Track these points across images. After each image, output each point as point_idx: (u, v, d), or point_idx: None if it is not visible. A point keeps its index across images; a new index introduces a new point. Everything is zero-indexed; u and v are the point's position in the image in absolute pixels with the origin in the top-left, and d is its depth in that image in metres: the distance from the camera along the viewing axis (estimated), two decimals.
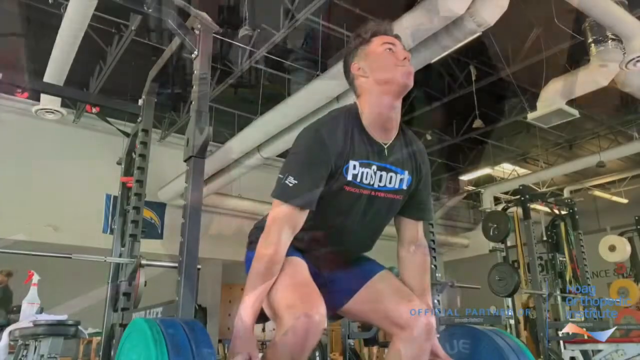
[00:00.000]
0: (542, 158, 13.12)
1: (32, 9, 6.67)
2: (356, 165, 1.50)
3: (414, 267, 1.67)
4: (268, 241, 1.41)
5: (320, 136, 1.48)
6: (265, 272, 1.38)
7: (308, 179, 1.44)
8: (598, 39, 6.47)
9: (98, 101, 3.55)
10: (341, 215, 1.54)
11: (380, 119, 1.55)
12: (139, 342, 1.16)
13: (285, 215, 1.43)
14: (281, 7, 6.70)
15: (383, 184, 1.55)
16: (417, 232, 1.69)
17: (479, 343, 1.69)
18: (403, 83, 1.51)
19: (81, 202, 9.10)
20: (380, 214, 1.59)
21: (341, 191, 1.50)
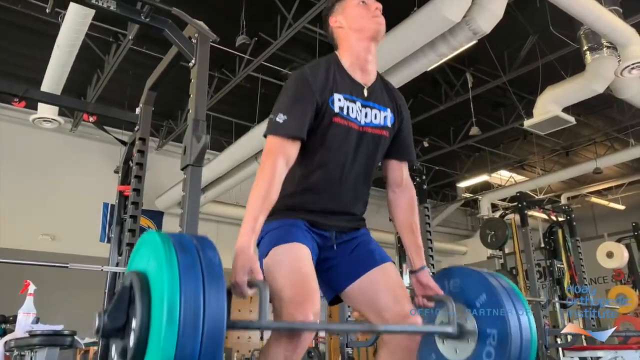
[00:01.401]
0: (539, 165, 13.16)
1: (29, 18, 6.69)
2: (341, 98, 1.61)
3: (402, 205, 1.76)
4: (264, 173, 1.48)
5: (304, 74, 1.61)
6: (263, 201, 1.45)
7: (295, 111, 1.54)
8: (593, 47, 6.52)
9: (95, 110, 3.55)
10: (335, 150, 1.61)
11: (358, 61, 1.68)
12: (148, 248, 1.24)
13: (278, 147, 1.52)
14: (278, 16, 6.74)
15: (369, 120, 1.65)
16: (402, 173, 1.78)
17: (471, 282, 1.70)
18: (375, 29, 1.68)
19: (78, 210, 9.08)
20: (370, 151, 1.67)
21: (331, 125, 1.59)
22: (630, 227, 7.84)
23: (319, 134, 1.59)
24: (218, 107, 8.80)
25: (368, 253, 1.67)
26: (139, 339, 1.11)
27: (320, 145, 1.60)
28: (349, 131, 1.61)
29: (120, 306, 1.20)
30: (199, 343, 1.07)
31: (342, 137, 1.61)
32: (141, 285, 1.16)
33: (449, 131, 10.78)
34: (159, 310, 1.09)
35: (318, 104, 1.57)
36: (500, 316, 1.57)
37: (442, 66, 7.67)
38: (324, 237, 1.65)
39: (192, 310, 1.07)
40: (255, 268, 1.34)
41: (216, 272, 1.15)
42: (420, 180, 5.51)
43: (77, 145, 9.63)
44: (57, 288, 7.13)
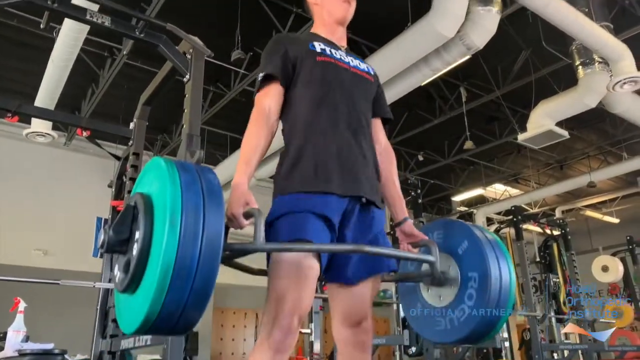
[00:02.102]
0: (533, 178, 13.20)
1: (25, 33, 6.69)
2: (321, 44, 1.70)
3: (382, 159, 1.78)
4: (252, 116, 1.58)
5: (276, 37, 1.76)
6: (255, 137, 1.53)
7: (270, 63, 1.63)
8: (585, 62, 6.58)
9: (89, 125, 3.54)
10: (330, 85, 1.64)
11: (331, 30, 1.80)
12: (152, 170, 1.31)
13: (262, 95, 1.61)
14: (273, 31, 6.78)
15: (356, 64, 1.74)
16: (380, 130, 1.84)
17: (455, 232, 1.77)
18: (341, 15, 1.78)
19: (72, 225, 9.01)
20: (364, 92, 1.73)
21: (317, 63, 1.64)
22: (624, 240, 7.86)
23: (308, 75, 1.63)
24: (213, 121, 8.80)
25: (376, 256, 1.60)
26: (142, 249, 1.16)
27: (313, 84, 1.63)
28: (338, 68, 1.67)
29: (125, 222, 1.26)
30: (197, 251, 1.12)
31: (333, 72, 1.66)
32: (145, 203, 1.22)
33: (444, 145, 10.81)
34: (161, 222, 1.14)
35: (293, 52, 1.64)
36: (481, 260, 1.65)
37: (436, 81, 7.72)
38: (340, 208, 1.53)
39: (193, 221, 1.13)
40: (250, 200, 1.39)
41: (215, 191, 1.22)
42: (415, 194, 5.50)
43: (71, 159, 9.59)
44: (49, 304, 7.04)
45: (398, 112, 8.63)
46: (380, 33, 6.02)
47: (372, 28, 6.85)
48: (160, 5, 5.60)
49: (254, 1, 6.26)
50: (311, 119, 1.60)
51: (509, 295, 1.65)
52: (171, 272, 1.09)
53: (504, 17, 5.92)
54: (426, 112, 9.13)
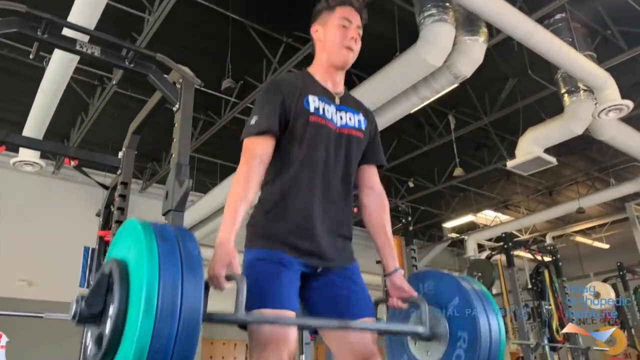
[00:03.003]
0: (523, 205, 13.28)
1: (15, 62, 6.70)
2: (315, 99, 1.64)
3: (374, 206, 1.77)
4: (240, 170, 1.53)
5: (273, 81, 1.69)
6: (242, 192, 1.47)
7: (265, 111, 1.59)
8: (571, 90, 6.71)
9: (77, 154, 3.51)
10: (315, 149, 1.61)
11: (328, 74, 1.74)
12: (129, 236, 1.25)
13: (252, 145, 1.56)
14: (264, 60, 6.86)
15: (345, 122, 1.69)
16: (374, 177, 1.82)
17: (445, 286, 1.73)
18: (339, 62, 1.73)
19: (58, 255, 8.84)
20: (349, 152, 1.68)
21: (309, 124, 1.61)
22: (615, 266, 7.87)
23: (297, 135, 1.61)
24: (203, 148, 8.80)
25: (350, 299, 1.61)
26: (115, 327, 1.11)
27: (300, 146, 1.61)
28: (327, 130, 1.63)
29: (99, 292, 1.20)
30: (174, 333, 1.08)
31: (321, 135, 1.62)
32: (120, 273, 1.17)
33: (434, 172, 10.88)
34: (136, 299, 1.09)
35: (289, 105, 1.61)
36: (471, 319, 1.61)
37: (425, 108, 7.80)
38: (310, 267, 1.59)
39: (170, 300, 1.09)
40: (234, 262, 1.33)
41: (195, 263, 1.18)
42: (406, 221, 5.48)
43: (58, 188, 9.50)
44: (33, 337, 6.86)
45: (388, 139, 8.69)
46: (369, 62, 6.09)
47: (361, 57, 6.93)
48: (151, 35, 5.65)
49: (244, 30, 6.35)
50: (289, 179, 1.60)
51: (498, 355, 1.61)
52: (146, 353, 1.05)
53: (490, 46, 6.04)
54: (416, 139, 9.21)
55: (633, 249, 11.72)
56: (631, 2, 6.05)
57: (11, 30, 2.32)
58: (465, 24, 5.59)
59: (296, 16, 6.35)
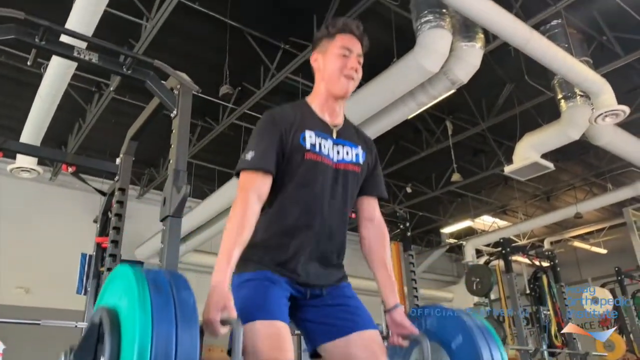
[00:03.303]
0: (521, 210, 13.29)
1: (13, 69, 6.70)
2: (312, 135, 1.61)
3: (374, 240, 1.75)
4: (236, 208, 1.48)
5: (270, 114, 1.65)
6: (237, 235, 1.43)
7: (262, 146, 1.56)
8: (567, 95, 6.74)
9: (74, 160, 3.51)
10: (310, 187, 1.59)
11: (326, 105, 1.70)
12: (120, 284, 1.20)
13: (248, 181, 1.53)
14: (262, 66, 6.87)
15: (341, 157, 1.65)
16: (374, 209, 1.78)
17: (447, 322, 1.70)
18: (339, 92, 1.68)
19: (55, 262, 8.80)
20: (345, 188, 1.65)
21: (304, 161, 1.58)
22: (613, 271, 7.87)
23: (293, 172, 1.58)
24: (201, 154, 8.80)
25: (349, 314, 1.60)
26: None
27: (295, 183, 1.58)
28: (323, 167, 1.61)
29: (88, 344, 1.16)
30: None
31: (317, 172, 1.60)
32: (111, 324, 1.13)
33: (431, 177, 10.89)
34: (129, 353, 1.05)
35: (286, 140, 1.58)
36: (474, 356, 1.58)
37: (422, 114, 7.83)
38: (299, 291, 1.59)
39: (164, 354, 1.05)
40: (229, 306, 1.30)
41: (190, 315, 1.14)
42: (404, 226, 5.48)
43: (56, 194, 9.47)
44: (30, 344, 6.81)
45: (385, 145, 8.70)
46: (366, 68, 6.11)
47: None
48: (149, 42, 5.66)
49: (242, 37, 6.36)
50: (284, 213, 1.59)
51: None
52: None
53: (487, 52, 6.06)
54: (413, 145, 9.22)
55: (631, 254, 11.73)
56: (627, 8, 6.09)
57: (9, 37, 2.33)
58: (462, 30, 5.62)
59: (293, 23, 6.38)
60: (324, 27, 1.75)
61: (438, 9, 5.30)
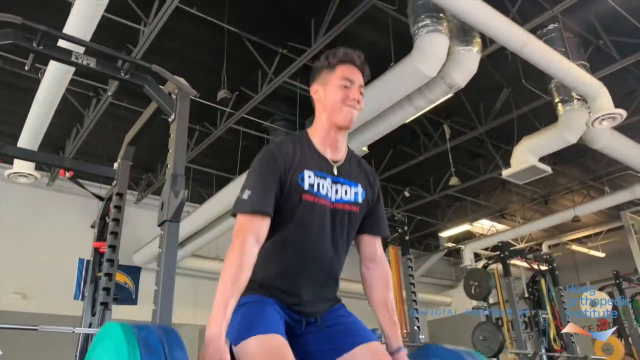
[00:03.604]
0: (519, 213, 13.31)
1: (10, 74, 6.69)
2: (311, 175, 1.57)
3: (376, 280, 1.71)
4: (233, 253, 1.43)
5: (269, 151, 1.59)
6: (234, 283, 1.39)
7: (261, 187, 1.52)
8: (564, 99, 6.76)
9: (72, 165, 3.50)
10: (307, 228, 1.56)
11: (328, 138, 1.65)
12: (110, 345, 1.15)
13: (245, 224, 1.48)
14: (259, 71, 6.88)
15: (340, 197, 1.61)
16: (375, 247, 1.74)
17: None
18: (342, 122, 1.63)
19: (52, 267, 8.79)
20: (343, 228, 1.62)
21: (301, 202, 1.54)
22: (611, 274, 7.88)
23: (290, 212, 1.54)
24: (199, 159, 8.79)
25: (347, 331, 1.59)
26: None
27: (292, 224, 1.55)
28: (320, 208, 1.57)
29: None
30: None
31: (314, 214, 1.56)
32: None
33: (429, 181, 10.90)
34: None
35: (284, 179, 1.54)
36: None
37: (420, 118, 7.84)
38: (294, 318, 1.58)
39: None
40: (225, 358, 1.27)
41: None
42: (402, 230, 5.48)
43: (53, 199, 9.45)
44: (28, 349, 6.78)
45: (383, 149, 8.71)
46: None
47: None
48: (147, 46, 5.66)
49: (239, 41, 6.38)
50: (280, 254, 1.57)
51: None
52: None
53: (484, 56, 6.08)
54: (411, 149, 9.24)
55: (629, 257, 11.75)
56: (623, 12, 6.12)
57: (7, 41, 2.32)
58: (459, 34, 5.64)
59: (291, 27, 6.40)
60: (323, 57, 1.69)
61: (435, 14, 5.32)
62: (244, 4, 5.93)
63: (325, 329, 1.59)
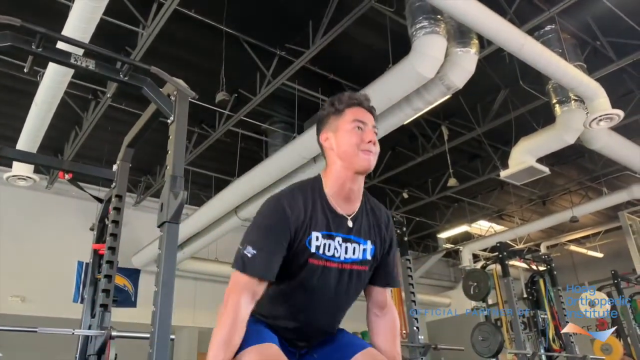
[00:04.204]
0: (517, 214, 13.32)
1: (8, 77, 6.70)
2: (319, 237, 1.49)
3: (384, 331, 1.67)
4: (227, 312, 1.38)
5: (281, 205, 1.47)
6: (227, 345, 1.35)
7: (267, 249, 1.43)
8: (562, 100, 6.78)
9: (71, 168, 3.50)
10: (310, 290, 1.51)
11: (342, 191, 1.55)
12: None
13: (245, 284, 1.41)
14: (258, 73, 6.89)
15: (349, 256, 1.54)
16: (385, 297, 1.69)
17: None
18: (362, 167, 1.54)
19: (51, 270, 8.78)
20: (350, 287, 1.57)
21: (306, 265, 1.47)
22: (609, 274, 7.88)
23: (292, 273, 1.48)
24: (197, 161, 8.80)
25: (344, 345, 1.60)
26: None
27: (293, 285, 1.50)
28: (325, 270, 1.50)
29: None
30: None
31: (318, 277, 1.50)
32: None
33: (428, 182, 10.92)
34: None
35: (293, 241, 1.46)
36: None
37: (418, 120, 7.86)
38: (289, 350, 1.57)
39: None
40: None
41: None
42: (401, 232, 5.48)
43: (52, 202, 9.44)
44: (27, 353, 6.77)
45: (382, 151, 8.66)
46: (362, 74, 6.16)
47: (354, 70, 7.01)
48: (145, 49, 5.67)
49: (238, 44, 6.39)
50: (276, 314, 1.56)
51: None
52: None
53: (482, 57, 6.10)
54: (409, 151, 9.25)
55: (627, 258, 11.76)
56: (620, 13, 6.14)
57: (5, 44, 2.33)
58: (457, 35, 5.66)
59: (289, 29, 6.41)
60: (328, 104, 1.62)
61: (433, 15, 5.34)
62: (242, 6, 5.94)
63: (319, 352, 1.60)
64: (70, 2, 4.79)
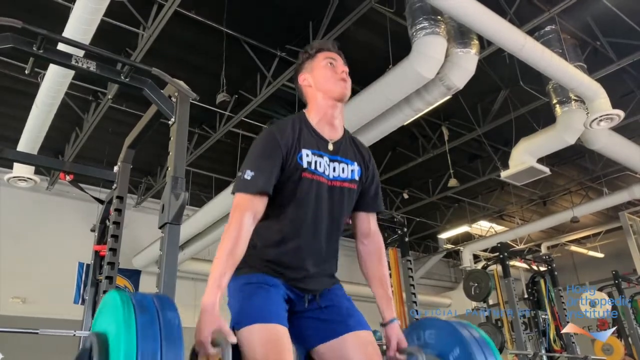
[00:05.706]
0: (517, 215, 13.32)
1: (9, 78, 6.71)
2: (309, 153, 1.64)
3: (370, 255, 1.80)
4: (230, 228, 1.49)
5: (271, 133, 1.65)
6: (230, 256, 1.45)
7: (262, 167, 1.57)
8: (562, 100, 6.78)
9: (72, 169, 3.50)
10: (305, 205, 1.62)
11: (325, 118, 1.73)
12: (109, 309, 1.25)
13: (245, 203, 1.54)
14: (258, 74, 6.90)
15: (337, 174, 1.69)
16: (369, 223, 1.82)
17: (444, 334, 1.72)
18: (339, 94, 1.72)
19: (52, 271, 8.78)
20: (340, 204, 1.69)
21: (301, 180, 1.61)
22: (610, 275, 7.88)
23: (289, 189, 1.61)
24: (198, 162, 8.80)
25: (342, 315, 1.64)
26: None
27: (291, 200, 1.62)
28: (318, 185, 1.64)
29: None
30: None
31: (312, 191, 1.63)
32: (100, 347, 1.18)
33: (428, 183, 10.91)
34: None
35: (285, 159, 1.61)
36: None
37: (419, 120, 7.86)
38: (297, 295, 1.63)
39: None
40: (220, 324, 1.34)
41: (174, 333, 1.17)
42: (402, 232, 5.48)
43: (53, 203, 9.44)
44: (28, 353, 6.77)
45: (382, 151, 8.73)
46: (363, 75, 6.16)
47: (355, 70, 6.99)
48: (146, 50, 5.68)
49: (238, 45, 6.39)
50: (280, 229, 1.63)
51: None
52: None
53: (482, 58, 6.11)
54: (410, 151, 9.25)
55: (627, 258, 11.76)
56: (620, 14, 6.15)
57: (7, 45, 2.33)
58: (457, 36, 5.66)
59: (290, 31, 6.42)
60: (301, 53, 1.82)
61: (433, 16, 5.35)
62: (242, 7, 5.95)
63: (322, 309, 1.64)
64: (71, 4, 4.79)
